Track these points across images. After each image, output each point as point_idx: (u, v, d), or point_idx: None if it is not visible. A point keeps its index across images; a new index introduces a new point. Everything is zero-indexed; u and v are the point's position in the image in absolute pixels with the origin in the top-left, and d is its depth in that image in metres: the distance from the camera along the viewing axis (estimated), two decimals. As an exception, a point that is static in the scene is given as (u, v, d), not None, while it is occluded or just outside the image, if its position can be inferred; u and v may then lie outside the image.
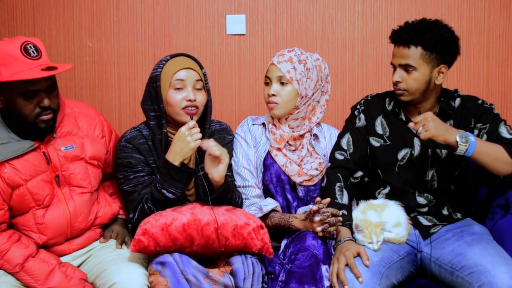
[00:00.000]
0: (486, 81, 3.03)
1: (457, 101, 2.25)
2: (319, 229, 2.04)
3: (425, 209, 2.24)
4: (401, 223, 2.12)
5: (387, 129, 2.27)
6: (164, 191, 2.05)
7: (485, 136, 2.16)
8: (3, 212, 1.98)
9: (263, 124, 2.36)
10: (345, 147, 2.27)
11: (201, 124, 2.20)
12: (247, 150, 2.29)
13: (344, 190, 2.18)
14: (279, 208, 2.25)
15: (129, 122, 3.00)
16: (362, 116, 2.31)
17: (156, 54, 2.99)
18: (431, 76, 2.15)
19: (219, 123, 2.35)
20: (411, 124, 2.09)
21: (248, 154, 2.30)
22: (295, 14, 3.01)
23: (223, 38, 3.02)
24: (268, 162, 2.30)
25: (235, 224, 2.00)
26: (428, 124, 2.03)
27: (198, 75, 2.17)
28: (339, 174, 2.21)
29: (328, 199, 2.08)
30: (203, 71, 2.21)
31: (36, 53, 1.93)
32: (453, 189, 2.28)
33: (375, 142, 2.28)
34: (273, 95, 2.24)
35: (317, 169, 2.28)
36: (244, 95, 3.05)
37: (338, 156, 2.26)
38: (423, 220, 2.22)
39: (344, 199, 2.16)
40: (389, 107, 2.29)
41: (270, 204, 2.21)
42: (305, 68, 2.25)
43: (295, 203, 2.28)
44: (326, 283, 1.95)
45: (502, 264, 1.92)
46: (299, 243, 2.02)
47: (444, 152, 2.21)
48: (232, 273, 1.97)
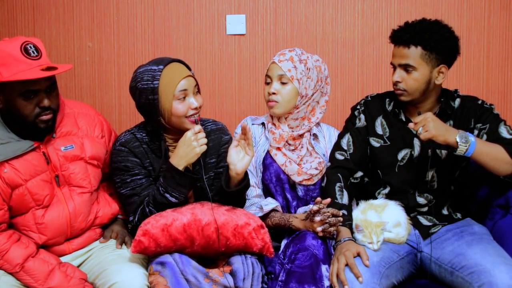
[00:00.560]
0: (486, 81, 3.03)
1: (457, 101, 2.24)
2: (319, 229, 2.05)
3: (425, 209, 2.24)
4: (401, 223, 2.12)
5: (387, 130, 2.27)
6: (167, 195, 2.05)
7: (485, 136, 2.16)
8: (3, 212, 1.97)
9: (263, 124, 2.36)
10: (345, 147, 2.27)
11: None
12: (247, 150, 2.29)
13: (344, 190, 2.18)
14: (280, 208, 2.25)
15: (129, 122, 3.00)
16: (362, 117, 2.31)
17: (156, 54, 2.98)
18: (431, 76, 2.15)
19: (215, 123, 2.31)
20: (411, 125, 2.09)
21: (248, 154, 2.30)
22: (295, 14, 3.01)
23: (223, 38, 3.02)
24: (268, 162, 2.30)
25: (236, 224, 2.00)
26: (428, 125, 2.03)
27: (195, 80, 2.15)
28: (339, 174, 2.21)
29: (329, 199, 2.08)
30: (192, 72, 2.18)
31: (36, 53, 1.93)
32: (453, 189, 2.28)
33: (375, 143, 2.28)
34: (274, 94, 2.24)
35: (317, 169, 2.28)
36: (244, 95, 3.05)
37: (338, 156, 2.26)
38: (423, 220, 2.22)
39: (344, 199, 2.16)
40: (389, 108, 2.29)
41: (271, 204, 2.21)
42: (306, 68, 2.25)
43: (295, 203, 2.28)
44: (326, 283, 1.95)
45: (502, 264, 1.92)
46: (299, 243, 2.02)
47: (444, 153, 2.21)
48: (232, 273, 1.97)
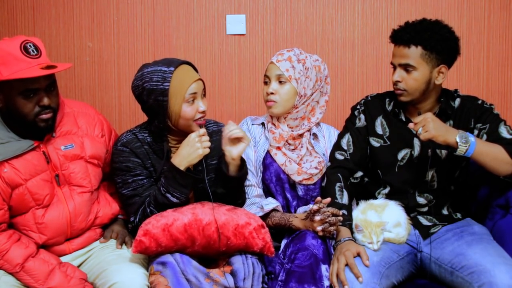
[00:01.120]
0: (486, 81, 3.03)
1: (457, 102, 2.24)
2: (319, 229, 2.05)
3: (425, 209, 2.24)
4: (401, 223, 2.12)
5: (387, 130, 2.27)
6: (169, 195, 2.05)
7: (485, 136, 2.16)
8: (3, 212, 1.97)
9: (262, 124, 2.36)
10: (345, 147, 2.27)
11: None
12: (247, 150, 2.29)
13: (344, 190, 2.18)
14: (280, 208, 2.25)
15: (129, 122, 3.00)
16: (362, 116, 2.31)
17: (156, 54, 2.98)
18: (431, 76, 2.15)
19: (216, 124, 2.32)
20: (411, 125, 2.09)
21: (248, 154, 2.30)
22: (295, 14, 3.01)
23: (223, 38, 3.02)
24: (268, 162, 2.30)
25: (236, 224, 2.00)
26: (428, 125, 2.03)
27: (203, 84, 2.14)
28: (339, 174, 2.21)
29: (329, 199, 2.08)
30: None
31: (36, 52, 1.93)
32: (453, 189, 2.28)
33: (375, 143, 2.28)
34: (272, 93, 2.24)
35: (317, 168, 2.28)
36: (244, 95, 3.05)
37: (338, 156, 2.26)
38: (423, 220, 2.22)
39: (344, 199, 2.16)
40: (389, 108, 2.29)
41: (271, 204, 2.21)
42: (304, 68, 2.25)
43: (295, 202, 2.28)
44: (326, 283, 1.95)
45: (502, 264, 1.92)
46: (299, 243, 2.02)
47: (444, 153, 2.21)
48: (232, 273, 1.97)
